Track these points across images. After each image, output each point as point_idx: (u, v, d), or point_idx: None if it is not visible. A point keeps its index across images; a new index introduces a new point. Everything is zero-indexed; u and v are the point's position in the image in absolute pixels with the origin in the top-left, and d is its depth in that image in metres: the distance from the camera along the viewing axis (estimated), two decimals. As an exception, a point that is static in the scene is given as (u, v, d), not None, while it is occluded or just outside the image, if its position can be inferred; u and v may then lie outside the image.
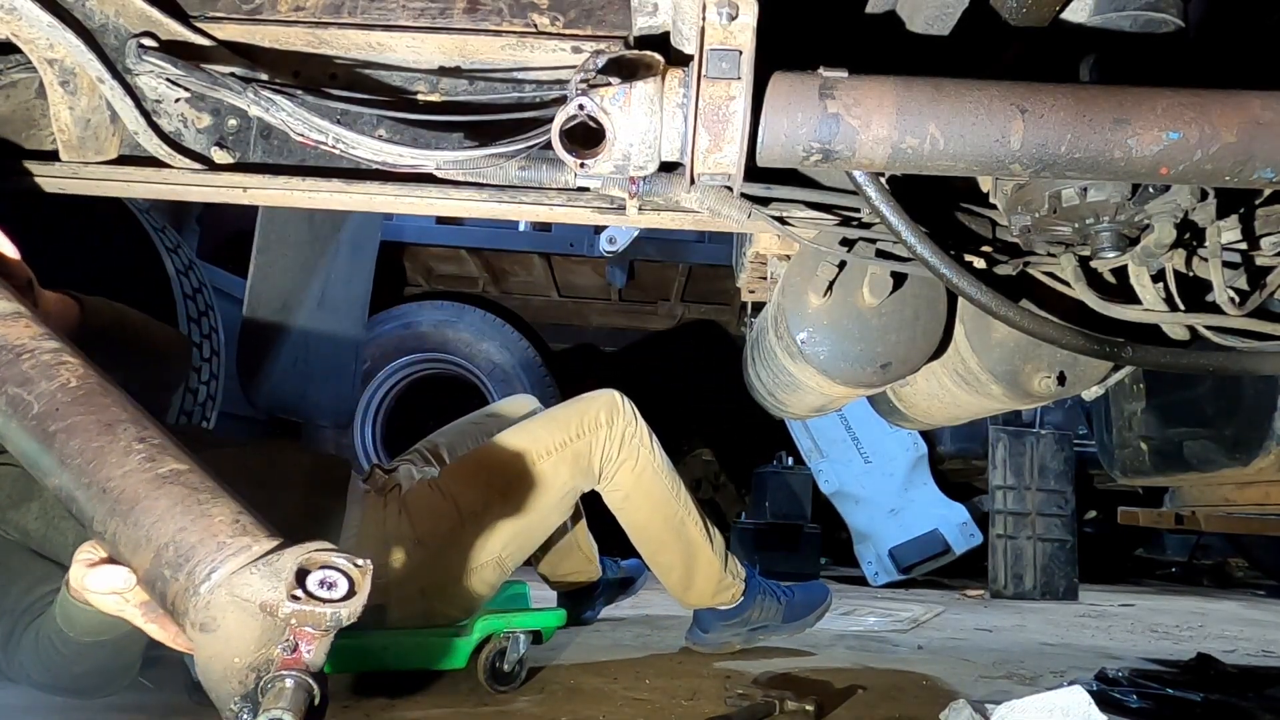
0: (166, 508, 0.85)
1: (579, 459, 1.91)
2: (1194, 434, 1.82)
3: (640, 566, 2.54)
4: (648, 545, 2.11)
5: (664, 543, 2.08)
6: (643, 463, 1.98)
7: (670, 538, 2.07)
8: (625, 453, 1.96)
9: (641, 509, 2.04)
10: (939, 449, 4.77)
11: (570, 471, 1.90)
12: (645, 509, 2.03)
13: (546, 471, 1.87)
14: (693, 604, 2.20)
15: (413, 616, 1.75)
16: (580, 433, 1.92)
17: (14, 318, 1.00)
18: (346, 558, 0.83)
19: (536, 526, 1.91)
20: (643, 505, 2.03)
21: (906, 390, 1.71)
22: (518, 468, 1.83)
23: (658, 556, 2.12)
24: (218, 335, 2.93)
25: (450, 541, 1.77)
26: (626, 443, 1.96)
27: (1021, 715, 1.30)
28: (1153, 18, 1.10)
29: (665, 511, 2.05)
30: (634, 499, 2.02)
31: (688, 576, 2.12)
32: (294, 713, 0.78)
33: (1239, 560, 6.08)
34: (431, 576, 1.75)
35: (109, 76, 1.24)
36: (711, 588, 2.14)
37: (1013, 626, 3.13)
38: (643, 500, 2.02)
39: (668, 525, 2.06)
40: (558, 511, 1.95)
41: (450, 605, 1.80)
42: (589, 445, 1.92)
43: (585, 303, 5.53)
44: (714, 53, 0.96)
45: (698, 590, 2.15)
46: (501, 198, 1.32)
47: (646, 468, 1.99)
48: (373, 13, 1.26)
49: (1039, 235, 1.19)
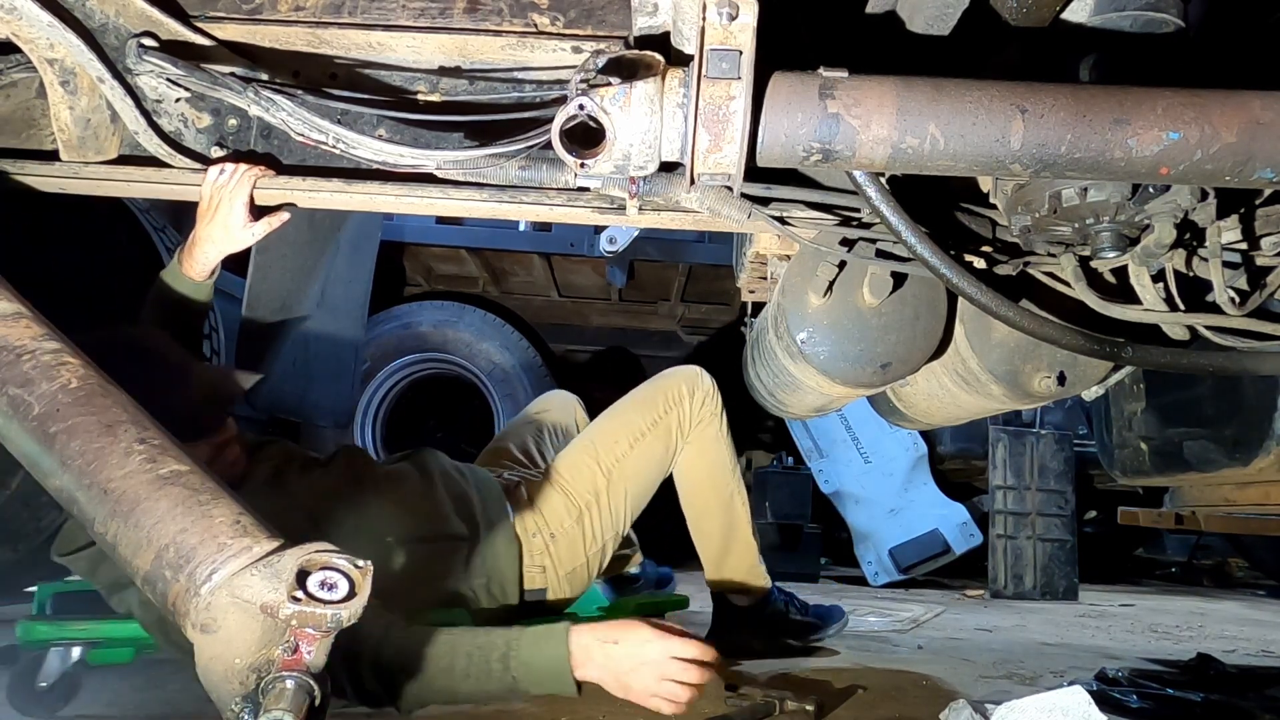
0: (167, 509, 0.85)
1: (669, 434, 2.04)
2: (1194, 434, 1.82)
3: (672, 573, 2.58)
4: (695, 509, 2.19)
5: (711, 510, 2.18)
6: (711, 430, 2.10)
7: (717, 506, 2.17)
8: (701, 416, 2.08)
9: (699, 470, 2.14)
10: (939, 449, 4.76)
11: (663, 447, 2.04)
12: (703, 472, 2.14)
13: (643, 452, 2.01)
14: (725, 579, 2.24)
15: (560, 602, 1.93)
16: (667, 408, 2.04)
17: (14, 318, 1.00)
18: (347, 559, 0.83)
19: (638, 505, 2.04)
20: (701, 468, 2.13)
21: (906, 390, 1.71)
22: (618, 453, 1.98)
23: (702, 522, 2.20)
24: (218, 335, 2.92)
25: (575, 530, 1.92)
26: (703, 409, 2.08)
27: (1021, 715, 1.30)
28: (1153, 18, 1.10)
29: (719, 479, 2.15)
30: (695, 460, 2.12)
31: (725, 548, 2.20)
32: (295, 713, 0.78)
33: (1239, 560, 6.07)
34: (569, 564, 1.91)
35: (109, 76, 1.24)
36: (745, 566, 2.22)
37: (1013, 626, 3.13)
38: (702, 463, 2.13)
39: (717, 493, 2.16)
40: (654, 487, 2.07)
41: (577, 588, 1.96)
42: (676, 418, 2.05)
43: (585, 303, 5.52)
44: (714, 53, 0.96)
45: (731, 565, 2.22)
46: (501, 198, 1.32)
47: (713, 436, 2.11)
48: (373, 13, 1.26)
49: (1039, 235, 1.19)
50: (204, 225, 1.42)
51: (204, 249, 1.48)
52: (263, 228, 1.42)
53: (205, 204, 1.38)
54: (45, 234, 2.06)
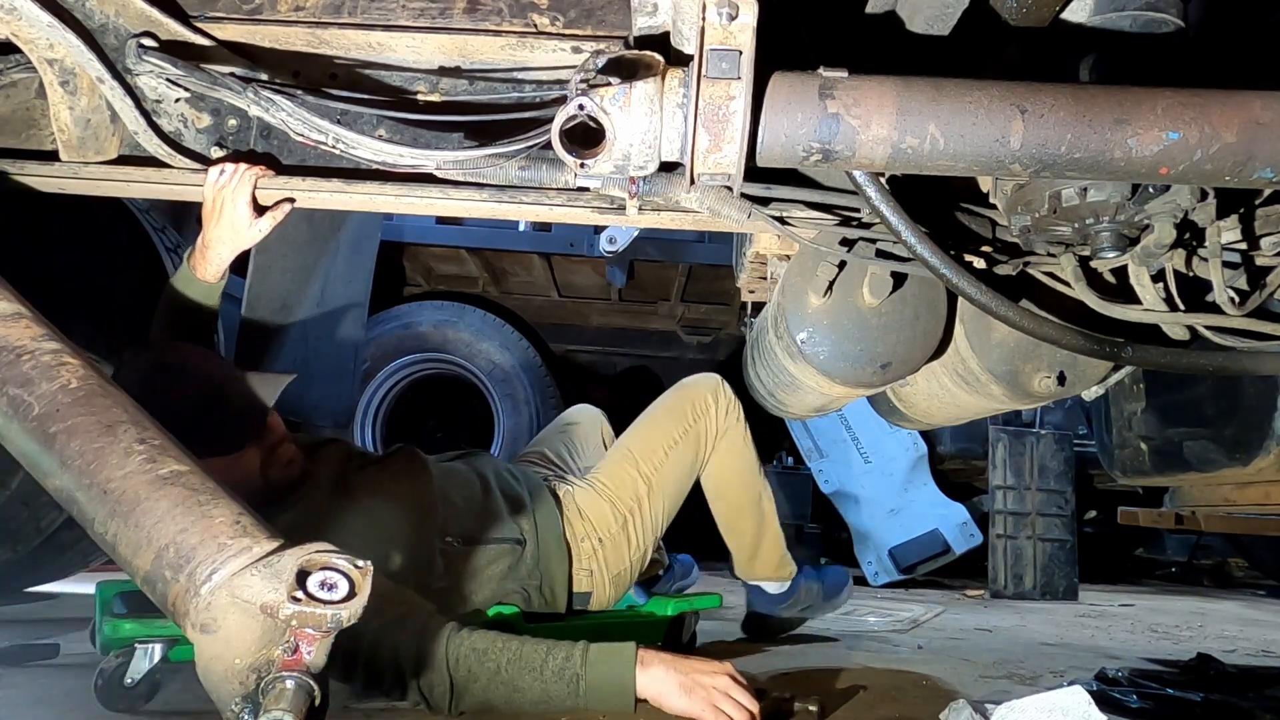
0: (167, 509, 0.85)
1: (698, 441, 2.14)
2: (1194, 434, 1.82)
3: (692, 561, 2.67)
4: (728, 511, 2.29)
5: (743, 510, 2.28)
6: (737, 436, 2.20)
7: (749, 507, 2.28)
8: (727, 424, 2.18)
9: (729, 473, 2.23)
10: (939, 449, 4.76)
11: (693, 453, 2.14)
12: (733, 475, 2.23)
13: (676, 459, 2.11)
14: (756, 574, 2.38)
15: (603, 603, 2.01)
16: (696, 417, 2.14)
17: (14, 318, 1.00)
18: (347, 559, 0.83)
19: (672, 511, 2.14)
20: (731, 471, 2.23)
21: (906, 390, 1.71)
22: (655, 461, 2.08)
23: (735, 523, 2.30)
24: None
25: (620, 536, 2.01)
26: (728, 415, 2.18)
27: (1021, 715, 1.30)
28: (1153, 18, 1.10)
29: (749, 481, 2.26)
30: (726, 467, 2.21)
31: (756, 544, 2.32)
32: (295, 713, 0.78)
33: (1239, 560, 6.07)
34: (614, 568, 2.00)
35: (109, 76, 1.24)
36: (775, 560, 2.35)
37: (1013, 626, 3.13)
38: (733, 469, 2.22)
39: (748, 493, 2.27)
40: (685, 493, 2.18)
41: (619, 591, 2.06)
42: (704, 426, 2.15)
43: (585, 303, 5.52)
44: (714, 53, 0.96)
45: (763, 560, 2.34)
46: (501, 198, 1.32)
47: (740, 441, 2.21)
48: (373, 13, 1.26)
49: (1039, 235, 1.19)
50: (211, 228, 1.44)
51: (216, 250, 1.50)
52: (268, 222, 1.43)
53: (209, 206, 1.39)
54: (45, 234, 2.06)
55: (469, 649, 1.33)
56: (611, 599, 2.04)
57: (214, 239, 1.47)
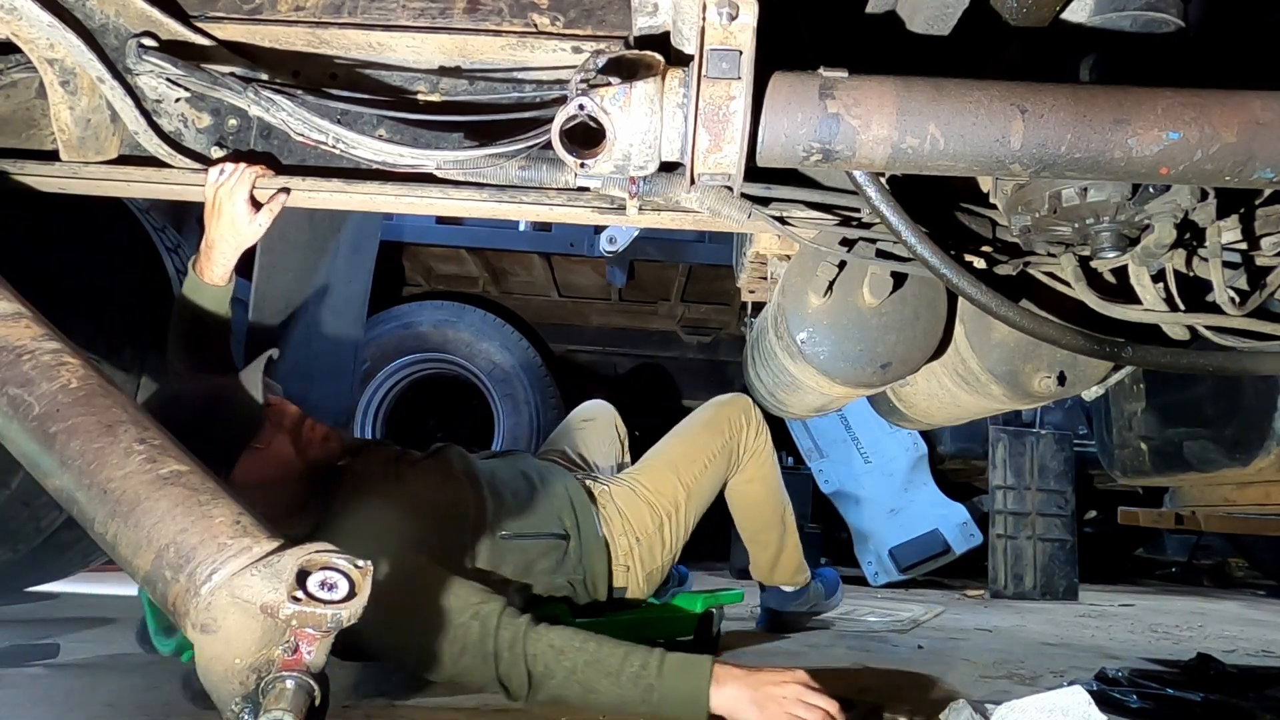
0: (167, 509, 0.85)
1: (730, 456, 2.29)
2: (1194, 434, 1.82)
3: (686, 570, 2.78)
4: (754, 524, 2.46)
5: (769, 523, 2.45)
6: (765, 453, 2.36)
7: (774, 519, 2.45)
8: (757, 444, 2.33)
9: (757, 488, 2.39)
10: (939, 449, 4.76)
11: (724, 468, 2.29)
12: (761, 489, 2.39)
13: (713, 472, 2.26)
14: (775, 580, 2.56)
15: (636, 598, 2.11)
16: (732, 434, 2.29)
17: (14, 318, 1.01)
18: (347, 559, 0.83)
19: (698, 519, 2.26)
20: (759, 485, 2.39)
21: (906, 390, 1.71)
22: (695, 471, 2.22)
23: (761, 535, 2.47)
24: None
25: (655, 537, 2.12)
26: (758, 437, 2.33)
27: (1021, 715, 1.30)
28: (1153, 18, 1.10)
29: (775, 495, 2.42)
30: (755, 483, 2.37)
31: (779, 554, 2.50)
32: (295, 713, 0.78)
33: (1239, 560, 6.07)
34: (649, 566, 2.10)
35: (109, 76, 1.24)
36: (794, 567, 2.53)
37: (1013, 626, 3.13)
38: (761, 484, 2.39)
39: (774, 507, 2.43)
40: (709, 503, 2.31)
41: (650, 588, 2.15)
42: (738, 443, 2.29)
43: (585, 303, 5.51)
44: (714, 53, 0.96)
45: (782, 567, 2.52)
46: (501, 198, 1.32)
47: (767, 458, 2.38)
48: (373, 13, 1.26)
49: (1039, 235, 1.19)
50: (213, 227, 1.46)
51: (219, 249, 1.52)
52: (266, 216, 1.44)
53: (210, 206, 1.41)
54: (45, 234, 2.06)
55: (546, 645, 1.38)
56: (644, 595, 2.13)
57: (216, 238, 1.49)
